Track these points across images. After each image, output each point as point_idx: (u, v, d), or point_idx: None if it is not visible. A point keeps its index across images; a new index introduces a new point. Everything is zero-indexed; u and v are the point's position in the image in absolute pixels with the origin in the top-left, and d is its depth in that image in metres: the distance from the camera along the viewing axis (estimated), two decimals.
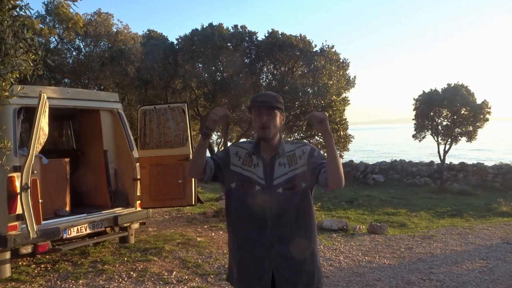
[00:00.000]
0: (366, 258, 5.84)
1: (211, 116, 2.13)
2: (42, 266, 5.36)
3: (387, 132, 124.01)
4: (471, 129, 14.40)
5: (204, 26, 10.54)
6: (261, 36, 10.47)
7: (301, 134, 10.94)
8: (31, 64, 2.74)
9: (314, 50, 10.36)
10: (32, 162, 4.19)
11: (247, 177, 2.20)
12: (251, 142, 2.33)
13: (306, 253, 2.21)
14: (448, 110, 14.53)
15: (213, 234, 7.15)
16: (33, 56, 2.74)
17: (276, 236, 2.16)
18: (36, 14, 13.35)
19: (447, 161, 16.00)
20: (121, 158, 6.21)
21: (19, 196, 4.15)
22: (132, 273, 5.09)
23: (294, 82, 9.97)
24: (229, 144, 11.94)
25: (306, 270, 2.20)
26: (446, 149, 14.78)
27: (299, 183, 2.18)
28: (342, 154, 10.92)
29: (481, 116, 14.21)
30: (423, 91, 15.13)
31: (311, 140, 10.84)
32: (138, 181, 5.91)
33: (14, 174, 4.41)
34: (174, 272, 5.11)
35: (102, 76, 12.66)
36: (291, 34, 10.26)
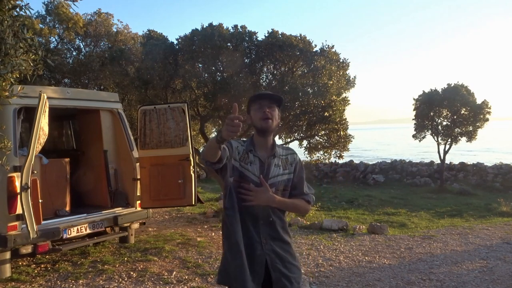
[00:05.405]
0: (366, 258, 5.84)
1: (228, 128, 1.85)
2: (42, 266, 5.36)
3: (387, 132, 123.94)
4: (471, 129, 14.39)
5: (204, 26, 10.52)
6: (261, 36, 10.46)
7: (301, 134, 10.93)
8: (31, 64, 2.74)
9: (314, 50, 10.35)
10: (32, 162, 4.18)
11: (243, 174, 2.26)
12: (246, 140, 2.39)
13: (292, 249, 2.35)
14: (448, 110, 14.52)
15: (213, 234, 7.15)
16: (33, 56, 2.74)
17: (267, 234, 2.26)
18: (36, 14, 13.35)
19: (447, 161, 15.99)
20: (121, 158, 6.21)
21: (19, 196, 4.15)
22: (132, 273, 5.09)
23: (294, 82, 9.96)
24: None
25: (295, 265, 2.33)
26: (446, 149, 14.78)
27: (288, 187, 2.34)
28: (342, 154, 10.92)
29: (481, 116, 14.20)
30: (423, 91, 15.12)
31: (311, 140, 10.83)
32: (138, 181, 5.91)
33: (14, 174, 4.41)
34: (174, 272, 5.11)
35: (102, 76, 12.66)
36: (291, 34, 10.25)
